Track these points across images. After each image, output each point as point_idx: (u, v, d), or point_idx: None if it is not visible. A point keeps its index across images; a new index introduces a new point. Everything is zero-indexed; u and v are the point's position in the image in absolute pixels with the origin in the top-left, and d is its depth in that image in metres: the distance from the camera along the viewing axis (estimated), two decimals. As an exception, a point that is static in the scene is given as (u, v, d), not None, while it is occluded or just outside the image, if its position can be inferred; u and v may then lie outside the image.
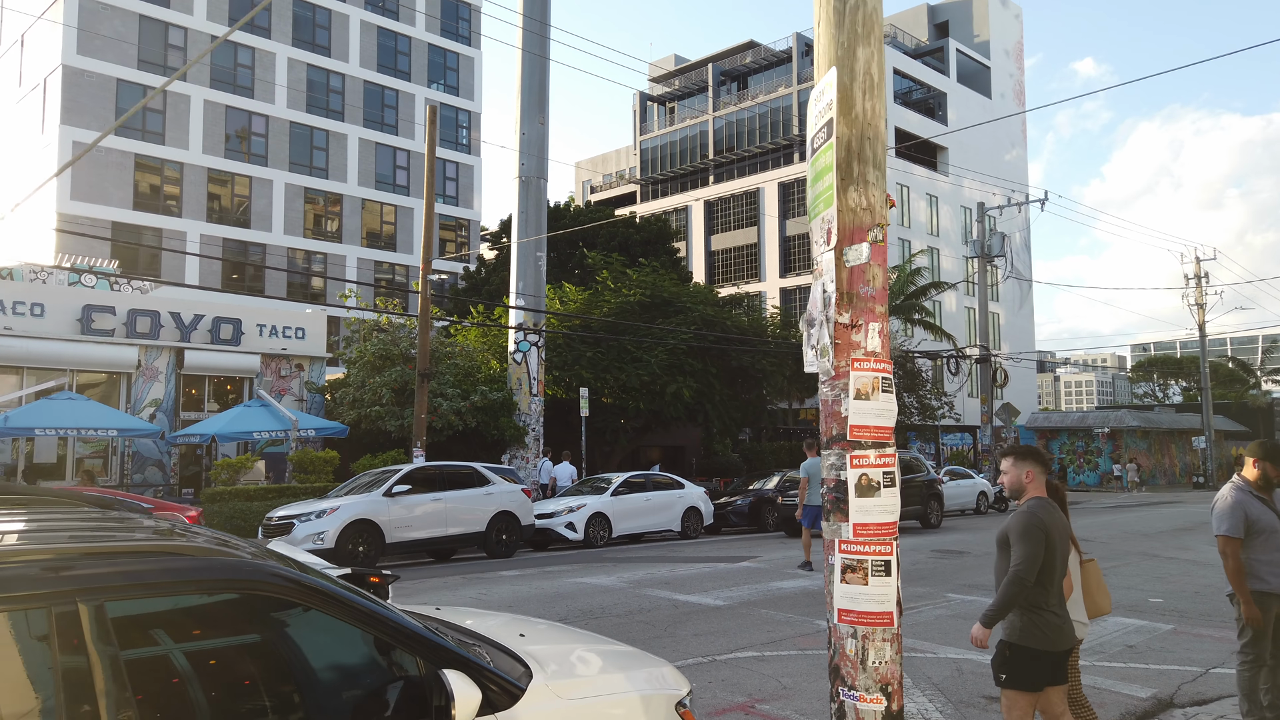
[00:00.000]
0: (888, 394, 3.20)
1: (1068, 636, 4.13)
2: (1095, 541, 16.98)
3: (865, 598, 3.11)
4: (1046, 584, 4.04)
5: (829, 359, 3.19)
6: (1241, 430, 55.33)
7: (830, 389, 3.27)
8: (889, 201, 3.23)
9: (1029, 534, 4.01)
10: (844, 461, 3.19)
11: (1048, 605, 4.04)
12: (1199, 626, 9.13)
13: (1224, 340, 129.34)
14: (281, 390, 23.57)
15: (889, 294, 18.05)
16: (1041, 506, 4.12)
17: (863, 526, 3.14)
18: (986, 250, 34.70)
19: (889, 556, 3.15)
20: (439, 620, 3.59)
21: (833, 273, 3.18)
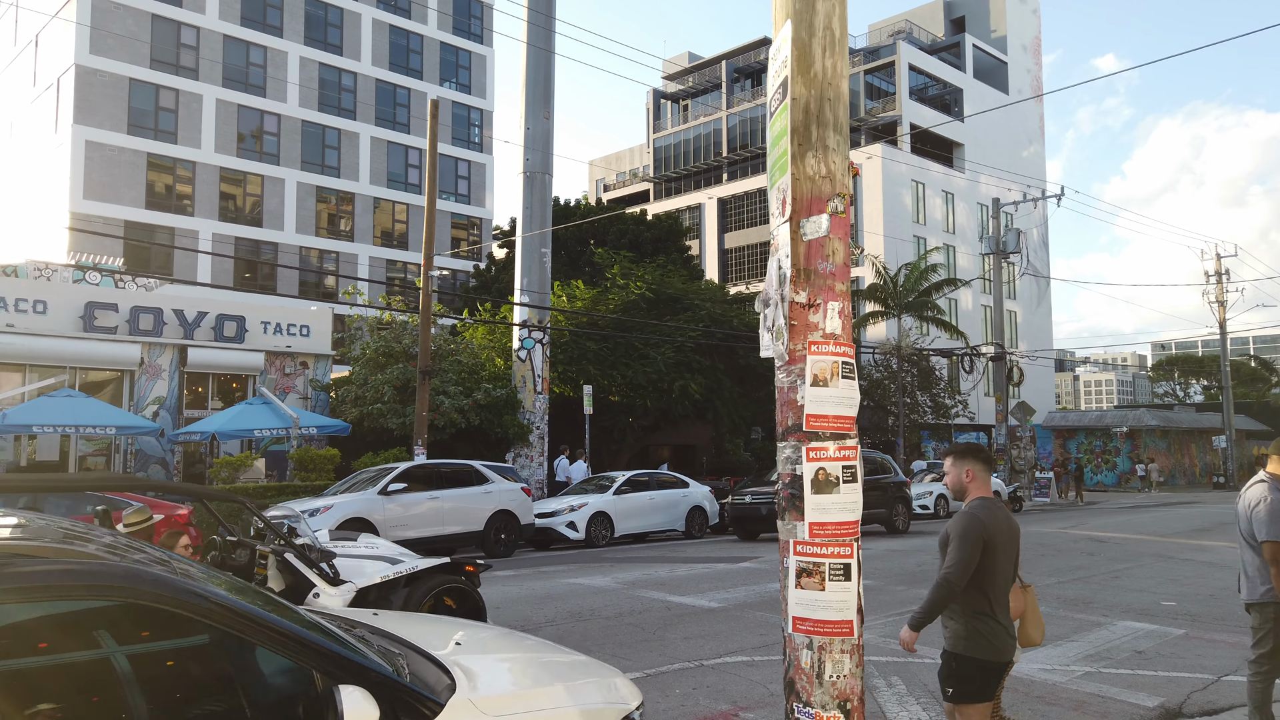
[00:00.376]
0: (849, 380, 2.90)
1: (1011, 647, 3.87)
2: (1108, 542, 16.58)
3: (822, 605, 2.82)
4: (989, 589, 3.78)
5: (784, 342, 2.90)
6: (1263, 430, 54.42)
7: (786, 375, 2.98)
8: (852, 169, 2.94)
9: (966, 536, 3.73)
10: (800, 454, 2.90)
11: (992, 612, 3.77)
12: (1212, 631, 8.76)
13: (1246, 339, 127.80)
14: (286, 388, 23.43)
15: (907, 290, 17.66)
16: (983, 507, 3.85)
17: (820, 526, 2.85)
18: (1001, 246, 34.20)
19: (849, 559, 2.86)
20: (370, 628, 3.32)
21: (788, 247, 2.89)
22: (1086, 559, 14.04)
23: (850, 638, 2.87)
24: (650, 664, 7.33)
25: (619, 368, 25.73)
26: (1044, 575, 12.21)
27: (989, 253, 34.43)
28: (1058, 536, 17.74)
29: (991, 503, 3.90)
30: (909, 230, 51.27)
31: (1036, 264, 59.95)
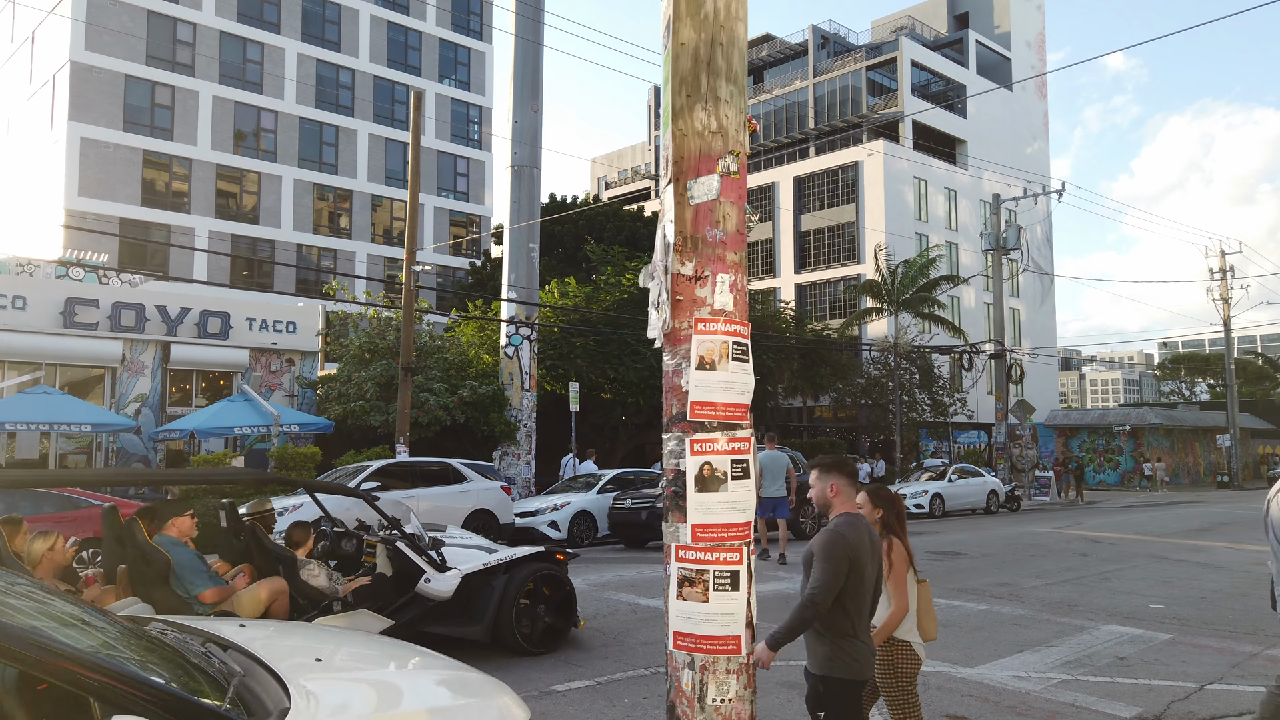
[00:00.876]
0: (741, 364, 2.56)
1: (870, 665, 3.81)
2: (1102, 542, 16.19)
3: (705, 618, 2.49)
4: (853, 608, 3.66)
5: (666, 319, 2.56)
6: (1268, 428, 53.85)
7: (671, 357, 2.65)
8: (749, 124, 2.60)
9: (830, 554, 3.57)
10: (684, 447, 2.57)
11: (855, 632, 3.68)
12: (1200, 636, 8.39)
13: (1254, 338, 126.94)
14: (272, 385, 23.15)
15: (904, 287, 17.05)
16: (848, 524, 3.71)
17: (704, 529, 2.51)
18: (1002, 243, 33.76)
19: (737, 566, 2.52)
20: (220, 640, 2.98)
21: (673, 212, 2.55)
22: (1078, 560, 13.66)
23: (737, 655, 2.54)
24: (603, 671, 7.00)
25: (610, 364, 25.41)
26: (1031, 577, 11.84)
27: (989, 249, 33.99)
28: (1051, 537, 17.35)
29: (856, 519, 3.79)
30: (911, 228, 50.81)
31: (1040, 261, 59.44)
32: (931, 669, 7.17)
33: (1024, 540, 16.57)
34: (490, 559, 7.52)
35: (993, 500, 25.42)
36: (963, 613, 9.42)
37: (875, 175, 50.99)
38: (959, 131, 57.22)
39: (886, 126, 54.61)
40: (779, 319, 34.81)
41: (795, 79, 60.31)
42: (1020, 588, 10.96)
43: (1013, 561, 13.45)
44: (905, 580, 4.22)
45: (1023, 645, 7.98)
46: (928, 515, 23.14)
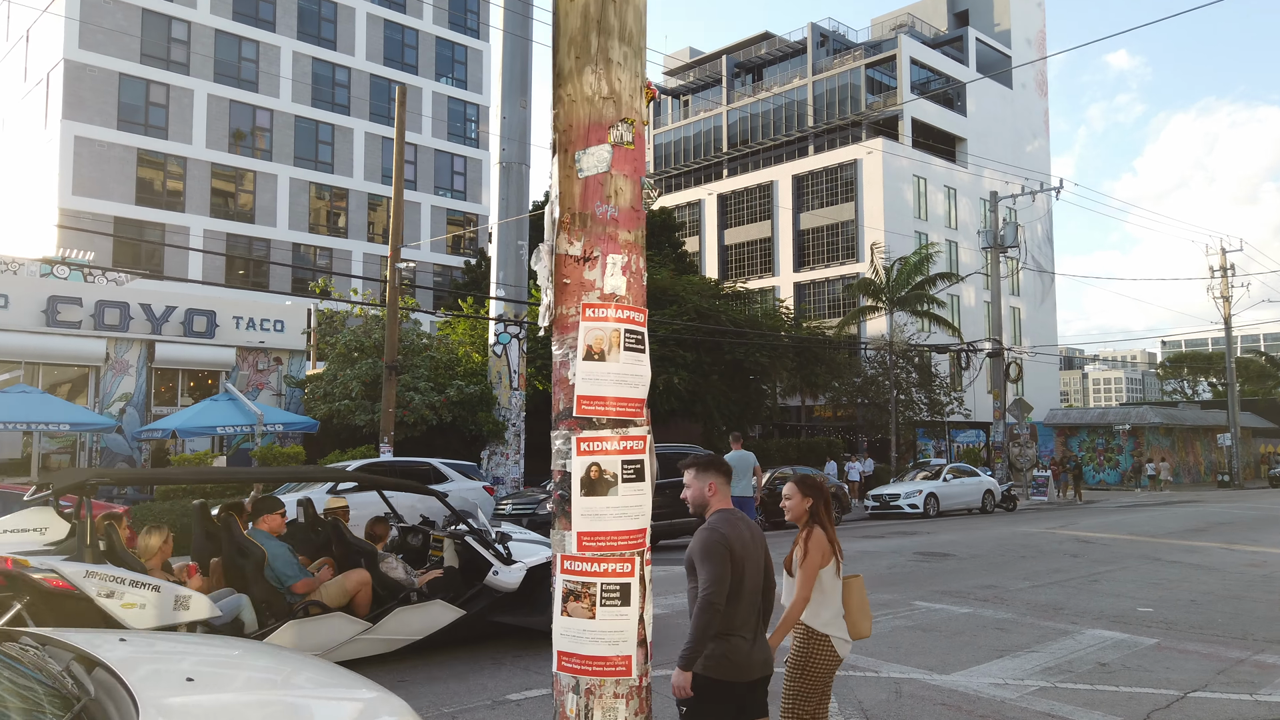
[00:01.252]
0: (635, 354, 2.32)
1: (757, 665, 3.68)
2: (1095, 543, 15.91)
3: (591, 636, 2.25)
4: (732, 606, 3.59)
5: (551, 305, 2.32)
6: (1270, 427, 53.47)
7: (558, 347, 2.40)
8: (648, 91, 2.36)
9: (711, 553, 3.51)
10: (570, 447, 2.32)
11: (734, 629, 3.58)
12: (1187, 641, 8.13)
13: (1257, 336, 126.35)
14: (259, 384, 22.92)
15: (899, 284, 16.84)
16: (724, 520, 3.67)
17: (591, 537, 2.28)
18: (1000, 240, 33.46)
19: (628, 578, 2.29)
20: (89, 659, 2.74)
21: (560, 186, 2.31)
22: (1068, 561, 13.39)
23: (627, 678, 2.30)
24: (532, 685, 6.76)
25: (602, 364, 25.18)
26: (1018, 579, 11.58)
27: (987, 247, 33.70)
28: (1043, 537, 17.07)
29: (732, 515, 3.72)
30: (910, 226, 50.54)
31: (1040, 259, 59.11)
32: (904, 675, 6.93)
33: (1015, 541, 16.30)
34: (546, 553, 7.78)
35: (988, 500, 25.14)
36: (944, 616, 9.16)
37: (874, 173, 50.71)
38: (959, 129, 56.92)
39: (886, 124, 54.34)
40: (775, 317, 34.58)
41: (794, 77, 60.03)
42: (1006, 590, 10.71)
43: (1001, 563, 13.18)
44: (815, 571, 4.06)
45: (1003, 650, 7.73)
46: (922, 515, 22.87)
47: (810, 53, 59.15)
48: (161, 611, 5.85)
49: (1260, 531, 18.46)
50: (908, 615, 9.21)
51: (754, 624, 3.69)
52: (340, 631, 6.56)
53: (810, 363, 32.46)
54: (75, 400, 20.27)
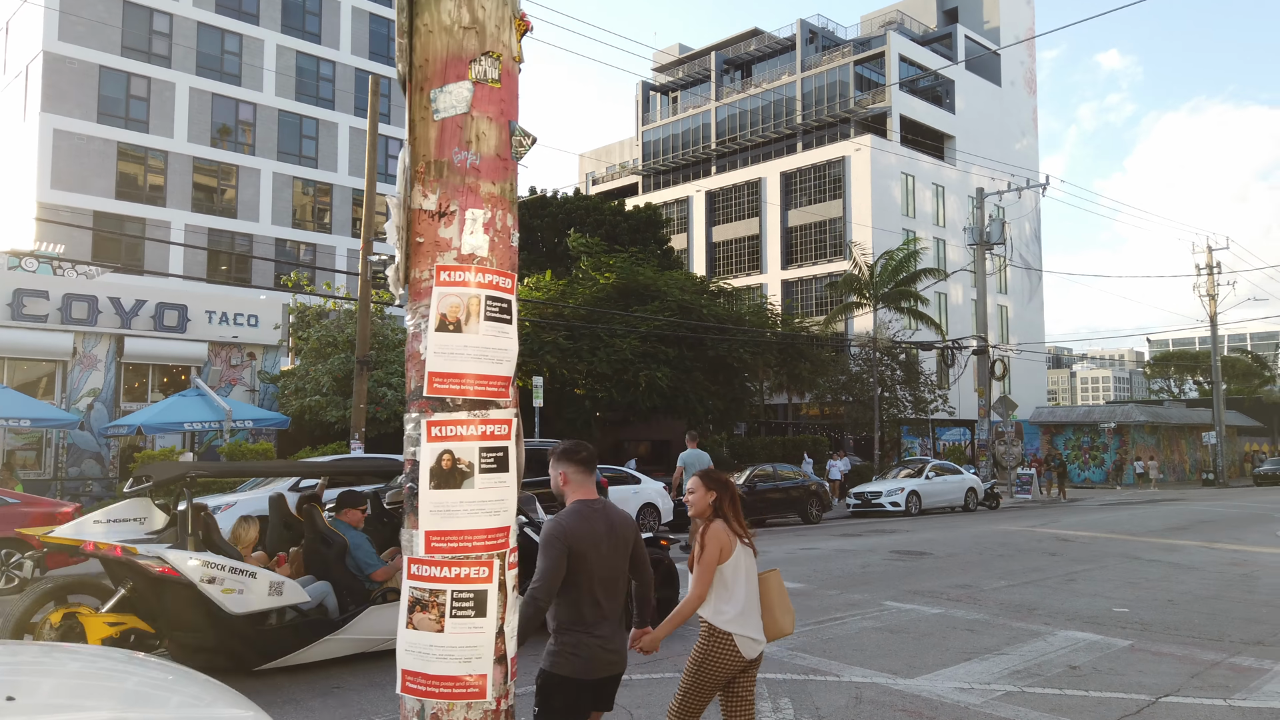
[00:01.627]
0: (499, 325, 2.03)
1: (608, 662, 3.58)
2: (1075, 541, 15.69)
3: (439, 652, 1.96)
4: (579, 601, 3.51)
5: (402, 268, 2.02)
6: (1255, 426, 53.51)
7: (411, 316, 2.11)
8: (520, 23, 2.06)
9: (546, 545, 3.46)
10: (420, 431, 2.03)
11: (585, 626, 3.52)
12: (1161, 643, 7.88)
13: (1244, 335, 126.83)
14: (232, 380, 22.55)
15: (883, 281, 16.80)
16: (573, 512, 3.59)
17: (442, 536, 1.98)
18: (986, 237, 33.28)
19: (485, 584, 2.00)
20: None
21: (414, 129, 2.01)
22: (1046, 560, 13.15)
23: (480, 700, 2.00)
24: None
25: (583, 357, 24.88)
26: (994, 578, 11.32)
27: (973, 243, 33.51)
28: (1023, 536, 16.84)
29: (586, 507, 3.62)
30: (898, 223, 50.38)
31: (1028, 257, 59.03)
32: (866, 680, 6.65)
33: (994, 539, 16.05)
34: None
35: (971, 498, 24.93)
36: (915, 617, 8.90)
37: (862, 171, 50.53)
38: (947, 127, 56.79)
39: (874, 121, 54.15)
40: (761, 314, 34.32)
41: (783, 73, 59.80)
42: (980, 590, 10.45)
43: (978, 562, 12.93)
44: (711, 567, 3.88)
45: (972, 653, 7.46)
46: (904, 513, 22.65)
47: (799, 49, 58.93)
48: (258, 596, 6.31)
49: (1242, 530, 18.29)
50: (877, 616, 8.94)
51: (607, 620, 3.59)
52: None
53: (794, 359, 32.21)
54: (42, 396, 19.87)
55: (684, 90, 67.38)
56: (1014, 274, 57.14)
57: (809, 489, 21.76)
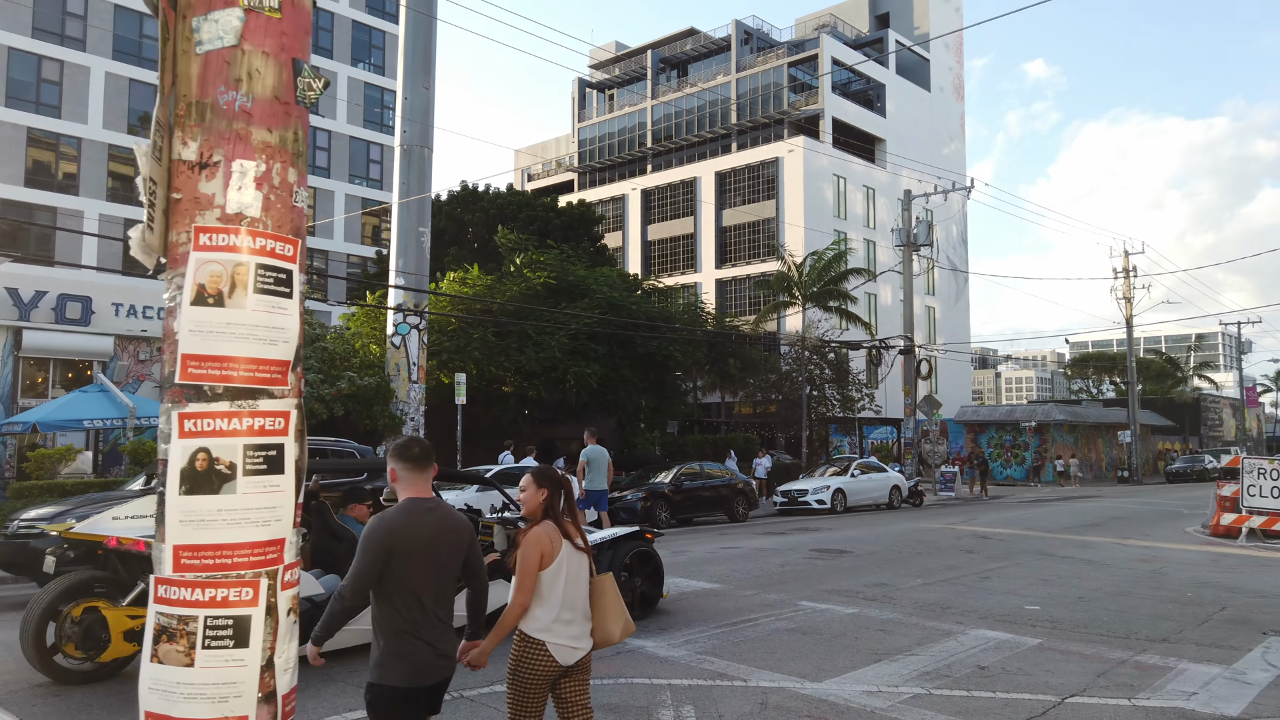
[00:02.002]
0: (276, 299, 1.72)
1: (439, 668, 3.43)
2: (992, 539, 15.85)
3: (187, 691, 1.64)
4: (404, 604, 3.35)
5: (155, 229, 1.70)
6: (1168, 425, 55.38)
7: (168, 289, 1.78)
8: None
9: (364, 544, 3.31)
10: (171, 426, 1.70)
11: (413, 630, 3.36)
12: (1070, 641, 7.86)
13: (1159, 338, 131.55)
14: (140, 375, 21.58)
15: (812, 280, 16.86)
16: (400, 510, 3.42)
17: (194, 551, 1.67)
18: (913, 239, 33.71)
19: (248, 608, 1.69)
20: None
21: (171, 65, 1.69)
22: (963, 557, 13.21)
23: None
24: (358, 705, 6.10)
25: (510, 355, 24.43)
26: (911, 576, 11.29)
27: (900, 244, 33.91)
28: (942, 533, 16.97)
29: (417, 505, 3.46)
30: (830, 224, 50.87)
31: (955, 260, 60.19)
32: (774, 684, 6.46)
33: (914, 537, 16.13)
34: (596, 537, 8.48)
35: (895, 496, 25.15)
36: (829, 617, 8.76)
37: (795, 172, 50.91)
38: (878, 130, 57.56)
39: (807, 123, 54.60)
40: (693, 312, 34.23)
41: (718, 74, 59.95)
42: (896, 588, 10.39)
43: (897, 560, 12.92)
44: (532, 571, 3.70)
45: (882, 654, 7.33)
46: (829, 511, 22.73)
47: (734, 50, 59.15)
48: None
49: (1153, 526, 18.73)
50: (790, 617, 8.78)
51: (436, 623, 3.44)
52: None
53: (722, 357, 32.19)
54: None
55: (620, 88, 67.13)
56: (941, 276, 58.20)
57: (736, 487, 21.68)
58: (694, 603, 9.41)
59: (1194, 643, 7.82)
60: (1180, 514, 21.97)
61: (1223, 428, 61.60)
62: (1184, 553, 14.22)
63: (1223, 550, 14.51)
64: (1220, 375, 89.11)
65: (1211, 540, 15.99)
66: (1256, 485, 15.57)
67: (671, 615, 8.79)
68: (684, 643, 7.63)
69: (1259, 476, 15.57)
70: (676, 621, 8.50)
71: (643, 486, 20.47)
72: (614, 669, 6.78)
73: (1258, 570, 12.21)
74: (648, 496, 19.65)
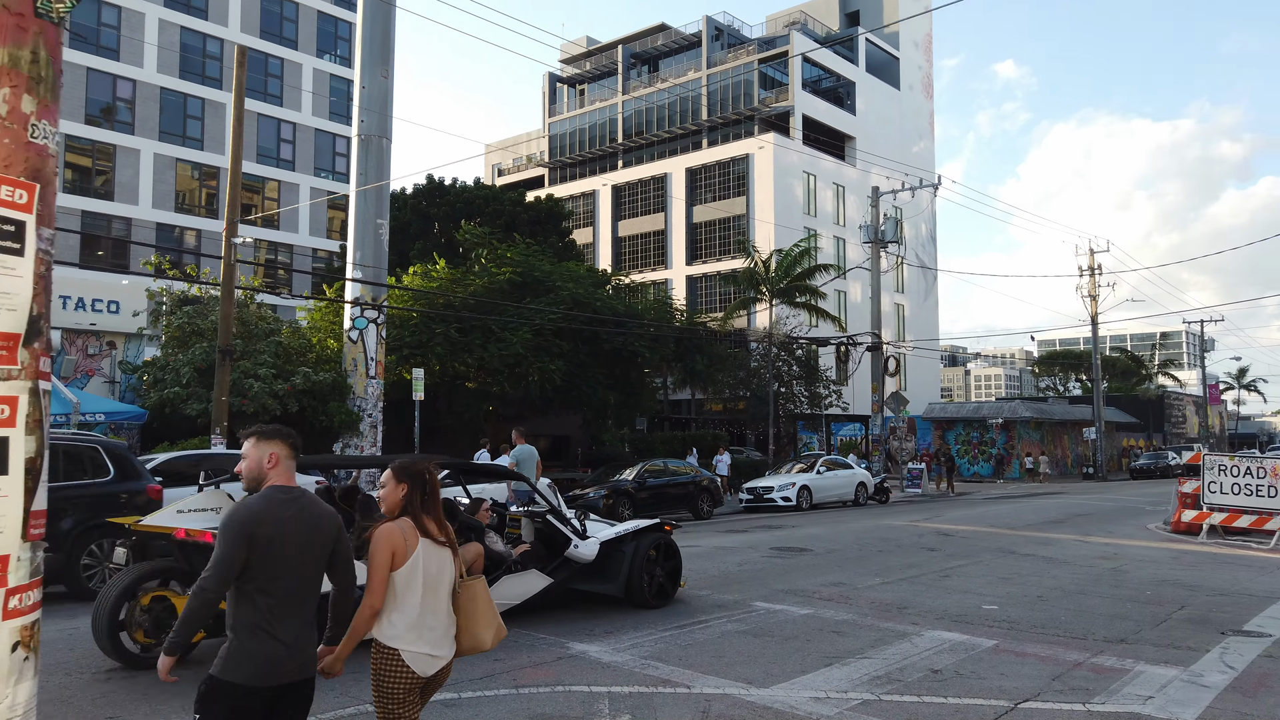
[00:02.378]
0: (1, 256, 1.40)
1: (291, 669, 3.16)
2: (955, 536, 15.74)
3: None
4: (262, 598, 3.11)
5: None
6: (1133, 422, 55.98)
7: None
8: None
9: (224, 532, 3.07)
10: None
11: (267, 626, 3.11)
12: (1026, 642, 7.68)
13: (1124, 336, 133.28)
14: (89, 371, 20.97)
15: (779, 276, 17.13)
16: (264, 497, 3.20)
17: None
18: (880, 235, 33.66)
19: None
20: None
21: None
22: (924, 555, 13.05)
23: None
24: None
25: (473, 351, 24.04)
26: (869, 575, 11.10)
27: (868, 241, 33.87)
28: (905, 530, 16.85)
29: (282, 493, 3.22)
30: (800, 221, 50.86)
31: (924, 258, 60.42)
32: (718, 691, 6.20)
33: (876, 534, 15.99)
34: (620, 530, 9.08)
35: (861, 492, 25.07)
36: (782, 619, 8.53)
37: (765, 168, 50.84)
38: (848, 128, 57.64)
39: (778, 120, 54.55)
40: (662, 308, 33.98)
41: (689, 70, 59.77)
42: (854, 588, 10.19)
43: (857, 558, 12.74)
44: (384, 572, 3.43)
45: (834, 657, 7.11)
46: (795, 508, 22.58)
47: (705, 46, 58.97)
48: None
49: (1114, 523, 18.74)
50: (743, 619, 8.53)
51: (292, 621, 3.18)
52: None
53: (690, 353, 31.97)
54: None
55: (591, 83, 66.75)
56: (911, 274, 58.42)
57: (701, 484, 21.46)
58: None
59: (1152, 643, 7.67)
60: (1143, 510, 22.05)
61: (1186, 424, 62.40)
62: (1145, 550, 14.18)
63: (1183, 547, 14.49)
64: (1184, 373, 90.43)
65: (1173, 537, 15.99)
66: (1218, 482, 15.58)
67: (620, 617, 8.52)
68: (629, 647, 7.36)
69: (1220, 473, 15.58)
70: (624, 624, 8.23)
71: (606, 484, 20.19)
72: (552, 676, 6.49)
73: (1218, 568, 12.16)
74: (611, 494, 19.36)
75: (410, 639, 3.46)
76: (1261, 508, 14.95)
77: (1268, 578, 11.34)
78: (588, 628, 8.05)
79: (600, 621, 8.32)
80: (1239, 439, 77.84)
